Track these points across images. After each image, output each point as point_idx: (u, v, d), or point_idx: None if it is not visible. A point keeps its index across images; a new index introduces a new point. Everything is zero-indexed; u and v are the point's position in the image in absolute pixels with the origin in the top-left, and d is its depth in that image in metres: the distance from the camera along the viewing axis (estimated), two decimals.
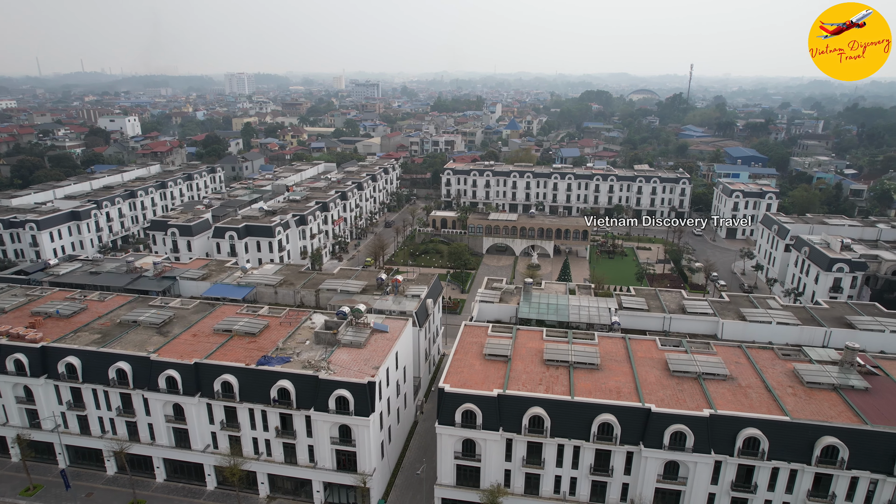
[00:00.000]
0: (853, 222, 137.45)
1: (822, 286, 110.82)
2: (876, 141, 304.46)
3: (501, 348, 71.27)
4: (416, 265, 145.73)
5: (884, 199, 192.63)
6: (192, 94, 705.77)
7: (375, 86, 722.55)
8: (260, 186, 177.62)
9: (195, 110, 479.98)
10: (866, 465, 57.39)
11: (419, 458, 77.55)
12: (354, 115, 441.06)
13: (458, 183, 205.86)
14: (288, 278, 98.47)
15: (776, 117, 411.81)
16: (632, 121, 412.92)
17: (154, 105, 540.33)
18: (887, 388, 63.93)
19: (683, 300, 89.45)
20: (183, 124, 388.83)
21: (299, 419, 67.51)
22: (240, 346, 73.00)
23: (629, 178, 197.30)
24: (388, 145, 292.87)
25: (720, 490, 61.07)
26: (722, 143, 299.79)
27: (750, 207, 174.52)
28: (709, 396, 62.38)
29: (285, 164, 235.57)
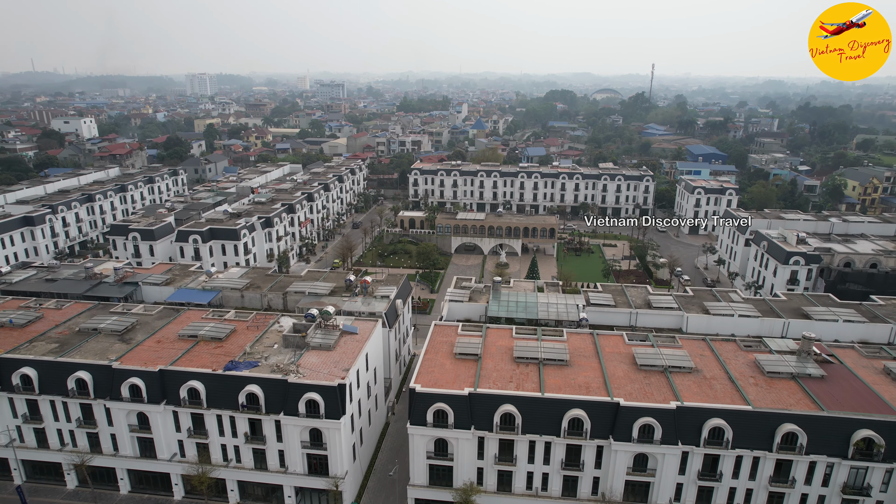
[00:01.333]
0: (807, 217, 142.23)
1: (780, 279, 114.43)
2: (827, 138, 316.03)
3: (472, 347, 71.52)
4: (384, 266, 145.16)
5: (835, 194, 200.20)
6: (152, 95, 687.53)
7: (340, 86, 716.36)
8: (224, 189, 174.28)
9: (155, 111, 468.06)
10: (823, 449, 59.56)
11: (391, 459, 77.28)
12: (320, 115, 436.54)
13: (426, 183, 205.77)
14: (254, 282, 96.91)
15: (734, 116, 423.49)
16: (596, 120, 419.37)
17: (111, 106, 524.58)
18: (841, 376, 66.40)
19: (649, 295, 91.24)
20: (143, 126, 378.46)
21: (269, 424, 66.52)
22: (206, 351, 71.54)
23: (594, 177, 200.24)
24: (355, 146, 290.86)
25: (687, 480, 62.53)
26: (683, 141, 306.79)
27: (711, 203, 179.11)
28: (675, 389, 63.78)
29: (250, 166, 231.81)
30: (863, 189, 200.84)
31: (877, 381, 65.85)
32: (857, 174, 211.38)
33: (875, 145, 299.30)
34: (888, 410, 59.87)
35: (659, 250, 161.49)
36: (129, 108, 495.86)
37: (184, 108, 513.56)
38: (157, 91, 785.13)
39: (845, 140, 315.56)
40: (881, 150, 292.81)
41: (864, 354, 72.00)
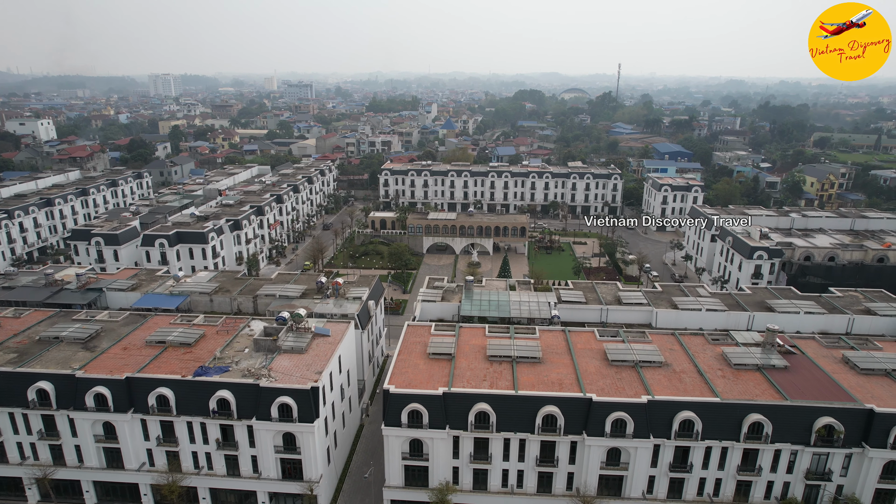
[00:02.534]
0: (769, 212, 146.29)
1: (745, 273, 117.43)
2: (786, 136, 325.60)
3: (445, 346, 71.60)
4: (356, 267, 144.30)
5: (794, 190, 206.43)
6: (113, 96, 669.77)
7: (309, 86, 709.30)
8: (191, 191, 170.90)
9: (117, 113, 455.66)
10: (787, 437, 61.33)
11: (366, 461, 76.87)
12: (288, 116, 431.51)
13: (397, 183, 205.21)
14: (224, 285, 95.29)
15: (699, 115, 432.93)
16: (564, 119, 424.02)
17: (70, 107, 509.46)
18: (803, 366, 68.50)
19: (619, 292, 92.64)
20: (104, 128, 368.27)
21: (241, 429, 65.48)
22: (175, 357, 70.05)
23: (564, 175, 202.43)
24: (324, 147, 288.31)
25: (659, 472, 63.69)
26: (650, 140, 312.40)
27: (678, 200, 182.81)
28: (646, 383, 64.89)
29: (217, 168, 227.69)
30: (820, 185, 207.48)
31: (836, 370, 68.11)
32: (815, 171, 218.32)
33: (831, 143, 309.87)
34: (847, 398, 61.99)
35: (628, 247, 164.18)
36: (89, 110, 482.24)
37: (147, 110, 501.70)
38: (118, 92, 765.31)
39: (803, 138, 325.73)
40: (836, 148, 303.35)
41: (823, 345, 74.39)
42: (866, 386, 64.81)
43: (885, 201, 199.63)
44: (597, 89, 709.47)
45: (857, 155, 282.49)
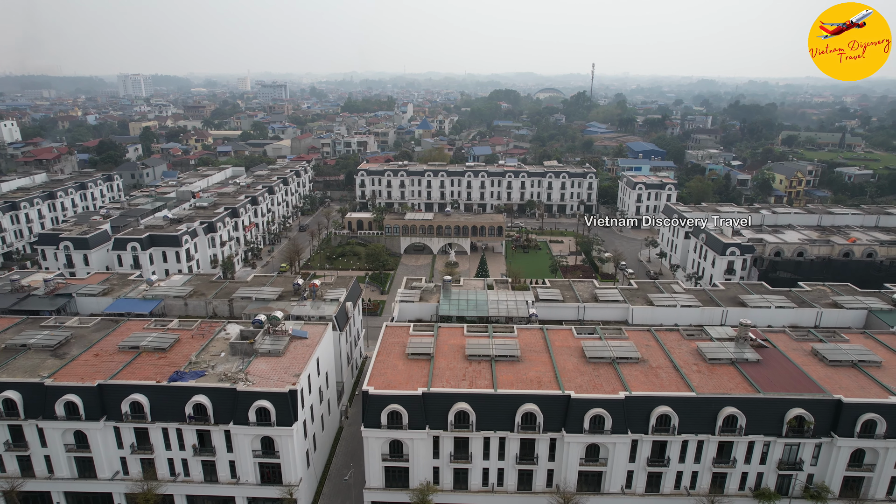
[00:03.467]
0: (741, 209, 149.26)
1: (718, 269, 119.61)
2: (755, 135, 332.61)
3: (424, 347, 71.55)
4: (333, 268, 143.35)
5: (765, 187, 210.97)
6: (81, 97, 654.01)
7: (283, 87, 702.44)
8: (163, 194, 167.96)
9: (85, 114, 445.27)
10: (760, 429, 62.68)
11: (346, 463, 76.44)
12: (262, 117, 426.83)
13: (373, 184, 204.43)
14: (198, 289, 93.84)
15: (671, 114, 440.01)
16: (540, 119, 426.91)
17: (35, 108, 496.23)
18: (775, 359, 70.05)
19: (595, 289, 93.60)
20: (71, 129, 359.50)
21: (218, 435, 64.57)
22: (149, 362, 68.77)
23: (539, 175, 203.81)
24: (299, 147, 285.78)
25: (637, 467, 64.52)
26: (624, 139, 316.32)
27: (652, 198, 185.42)
28: (623, 379, 65.68)
29: (190, 170, 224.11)
30: (789, 182, 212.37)
31: (806, 362, 69.80)
32: (784, 168, 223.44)
33: (798, 141, 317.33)
34: (816, 390, 63.58)
35: (604, 245, 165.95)
36: (55, 111, 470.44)
37: (117, 111, 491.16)
38: (86, 92, 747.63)
39: (772, 136, 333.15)
40: (803, 146, 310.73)
41: (794, 338, 76.15)
42: (834, 377, 66.56)
43: (849, 197, 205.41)
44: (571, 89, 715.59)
45: (823, 153, 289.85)
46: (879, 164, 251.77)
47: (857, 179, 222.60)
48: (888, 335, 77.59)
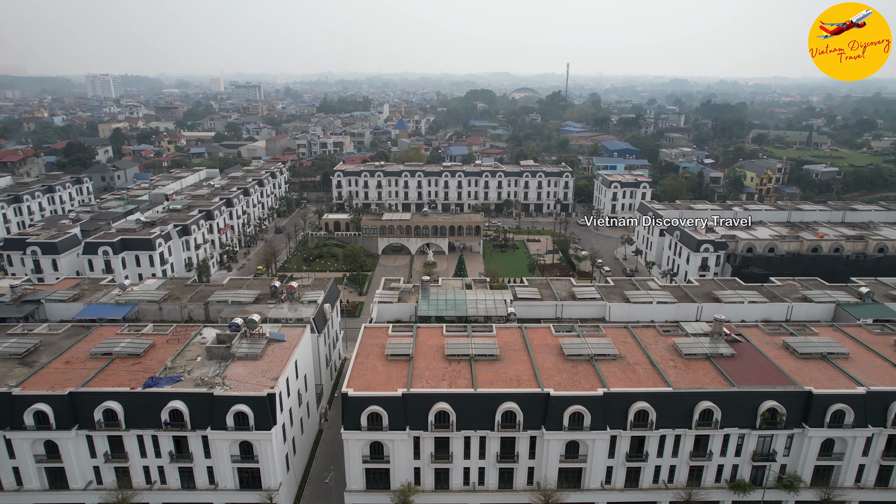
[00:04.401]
0: (714, 206, 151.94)
1: (693, 266, 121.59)
2: (727, 133, 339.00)
3: (403, 347, 71.40)
4: (310, 270, 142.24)
5: (736, 184, 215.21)
6: (47, 98, 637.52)
7: (257, 87, 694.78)
8: (136, 196, 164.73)
9: (52, 115, 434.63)
10: (735, 422, 63.90)
11: (326, 466, 75.91)
12: (236, 118, 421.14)
13: (350, 184, 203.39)
14: (173, 292, 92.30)
15: (645, 113, 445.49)
16: (515, 118, 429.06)
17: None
18: (748, 353, 71.48)
19: (573, 287, 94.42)
20: (37, 131, 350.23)
21: (195, 440, 63.58)
22: (123, 368, 67.40)
23: (516, 174, 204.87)
24: (274, 148, 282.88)
25: (616, 462, 65.26)
26: (599, 138, 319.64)
27: (627, 197, 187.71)
28: (601, 376, 66.37)
29: (163, 172, 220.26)
30: (759, 180, 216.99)
31: (778, 355, 71.35)
32: (754, 166, 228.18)
33: (767, 139, 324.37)
34: (788, 382, 65.04)
35: (580, 243, 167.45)
36: (19, 111, 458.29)
37: (85, 112, 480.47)
38: (52, 93, 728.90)
39: (742, 135, 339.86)
40: (772, 144, 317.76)
41: (766, 332, 77.81)
42: (805, 369, 68.17)
43: (817, 194, 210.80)
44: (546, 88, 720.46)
45: (791, 150, 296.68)
46: (844, 162, 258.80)
47: (823, 177, 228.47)
48: (855, 327, 79.76)
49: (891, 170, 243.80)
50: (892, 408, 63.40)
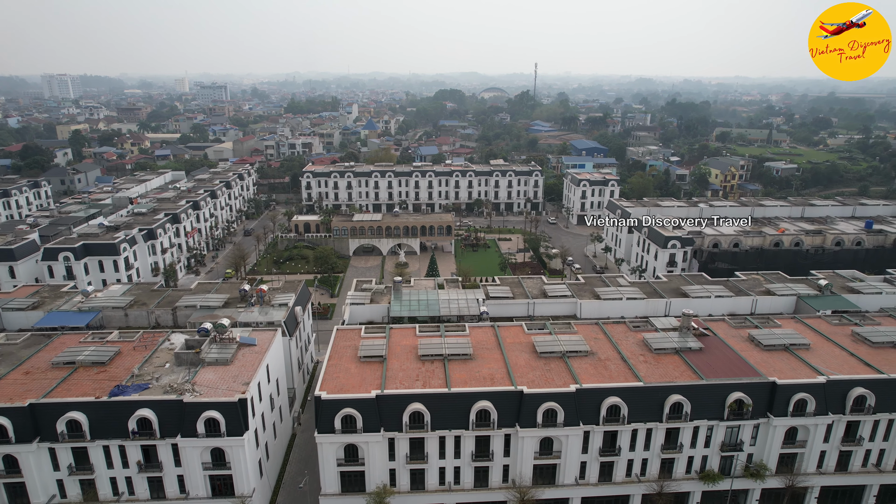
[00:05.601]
0: (680, 203, 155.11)
1: (661, 262, 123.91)
2: (692, 131, 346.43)
3: (376, 349, 71.08)
4: (281, 273, 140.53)
5: (701, 182, 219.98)
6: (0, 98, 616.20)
7: (223, 88, 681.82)
8: (98, 200, 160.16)
9: (6, 116, 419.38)
10: (704, 414, 65.35)
11: (301, 470, 75.08)
12: (202, 119, 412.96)
13: (319, 185, 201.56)
14: (139, 298, 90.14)
15: (612, 112, 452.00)
16: (485, 118, 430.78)
17: None
18: (716, 346, 73.17)
19: (544, 285, 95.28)
20: None
21: (165, 449, 62.19)
22: (87, 377, 65.54)
23: (486, 173, 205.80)
24: (242, 150, 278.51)
25: (590, 458, 66.11)
26: (567, 137, 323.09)
27: (596, 195, 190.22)
28: (574, 373, 67.13)
29: (126, 175, 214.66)
30: (724, 177, 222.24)
31: (744, 348, 73.23)
32: (719, 163, 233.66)
33: (730, 137, 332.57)
34: (754, 373, 66.82)
35: (551, 242, 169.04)
36: None
37: (42, 113, 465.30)
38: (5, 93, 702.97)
39: (707, 133, 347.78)
40: (735, 142, 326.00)
41: (732, 325, 79.76)
42: (769, 361, 70.11)
43: (778, 190, 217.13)
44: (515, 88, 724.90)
45: (753, 148, 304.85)
46: (803, 159, 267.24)
47: (783, 173, 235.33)
48: (815, 319, 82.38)
49: (845, 166, 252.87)
50: (851, 395, 65.70)
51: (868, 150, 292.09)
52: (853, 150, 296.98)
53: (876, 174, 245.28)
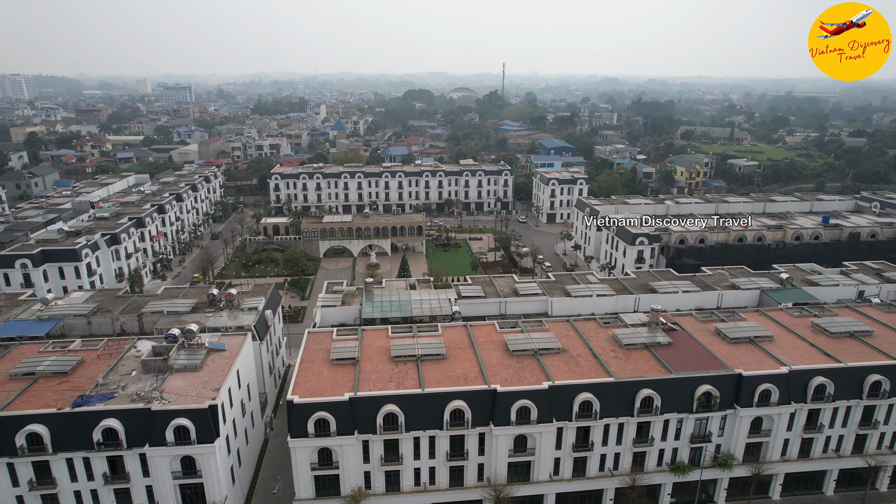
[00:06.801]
0: (647, 201, 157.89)
1: (629, 258, 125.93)
2: (657, 130, 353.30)
3: (348, 351, 70.59)
4: (250, 276, 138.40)
5: (667, 179, 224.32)
6: None
7: (187, 89, 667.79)
8: (57, 205, 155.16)
9: None
10: (674, 407, 66.69)
11: (274, 476, 74.10)
12: (166, 120, 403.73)
13: (288, 187, 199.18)
14: (103, 305, 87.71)
15: (580, 111, 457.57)
16: (454, 118, 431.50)
17: None
18: (684, 340, 74.74)
19: (515, 284, 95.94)
20: None
21: (132, 459, 60.64)
22: (48, 388, 63.49)
23: (456, 173, 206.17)
24: (208, 152, 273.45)
25: (563, 454, 66.82)
26: (536, 136, 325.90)
27: (565, 193, 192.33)
28: (546, 370, 67.76)
29: (87, 178, 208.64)
30: (689, 174, 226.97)
31: (711, 341, 74.97)
32: (683, 161, 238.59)
33: (695, 135, 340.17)
34: (720, 366, 68.46)
35: (521, 240, 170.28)
36: None
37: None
38: None
39: (672, 131, 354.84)
40: (699, 140, 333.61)
41: (699, 319, 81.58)
42: (735, 353, 71.93)
43: (740, 187, 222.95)
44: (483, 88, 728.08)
45: (716, 146, 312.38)
46: (763, 156, 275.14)
47: (745, 170, 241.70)
48: (777, 311, 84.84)
49: (803, 163, 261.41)
50: (812, 384, 67.88)
51: (823, 147, 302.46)
52: (810, 148, 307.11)
53: (831, 171, 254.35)
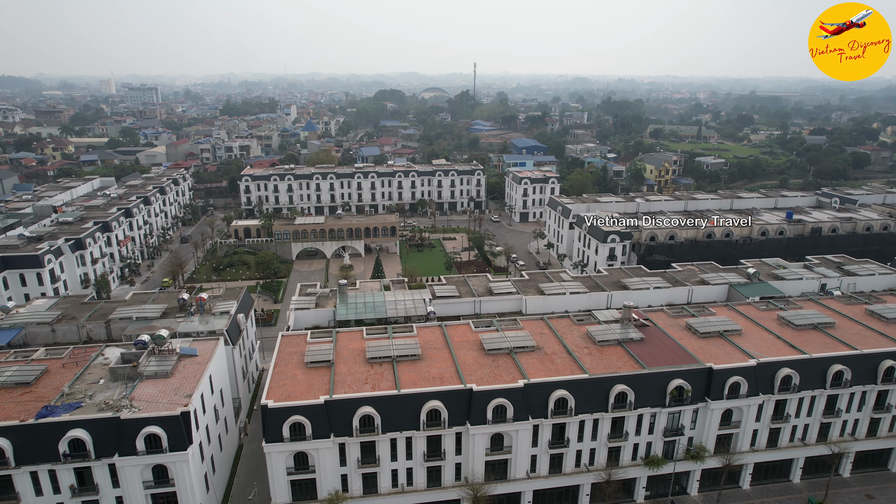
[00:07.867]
0: (618, 199, 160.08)
1: (602, 256, 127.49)
2: (627, 128, 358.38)
3: (323, 354, 70.02)
4: (221, 280, 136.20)
5: (637, 177, 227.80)
6: None
7: (154, 90, 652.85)
8: (16, 210, 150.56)
9: None
10: (647, 402, 67.75)
11: (249, 482, 73.11)
12: (132, 122, 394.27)
13: (259, 189, 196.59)
14: (68, 312, 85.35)
15: (550, 110, 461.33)
16: (426, 118, 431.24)
17: None
18: (656, 336, 75.98)
19: (490, 283, 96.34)
20: None
21: (101, 470, 59.12)
22: (9, 399, 61.50)
23: (429, 173, 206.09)
24: (176, 154, 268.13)
25: (540, 451, 67.33)
26: (508, 136, 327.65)
27: (537, 192, 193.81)
28: (521, 368, 68.19)
29: (49, 182, 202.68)
30: (658, 172, 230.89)
31: (682, 336, 76.38)
32: (653, 159, 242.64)
33: (663, 134, 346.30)
34: (692, 360, 69.80)
35: (495, 239, 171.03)
36: None
37: None
38: None
39: (641, 130, 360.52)
40: (668, 138, 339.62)
41: (670, 315, 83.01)
42: (706, 347, 73.41)
43: (708, 184, 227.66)
44: (455, 88, 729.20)
45: (684, 144, 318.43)
46: (730, 154, 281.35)
47: (713, 168, 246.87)
48: (745, 305, 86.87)
49: (767, 160, 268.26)
50: (778, 376, 69.70)
51: (786, 145, 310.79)
52: (773, 146, 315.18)
53: (793, 167, 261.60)
